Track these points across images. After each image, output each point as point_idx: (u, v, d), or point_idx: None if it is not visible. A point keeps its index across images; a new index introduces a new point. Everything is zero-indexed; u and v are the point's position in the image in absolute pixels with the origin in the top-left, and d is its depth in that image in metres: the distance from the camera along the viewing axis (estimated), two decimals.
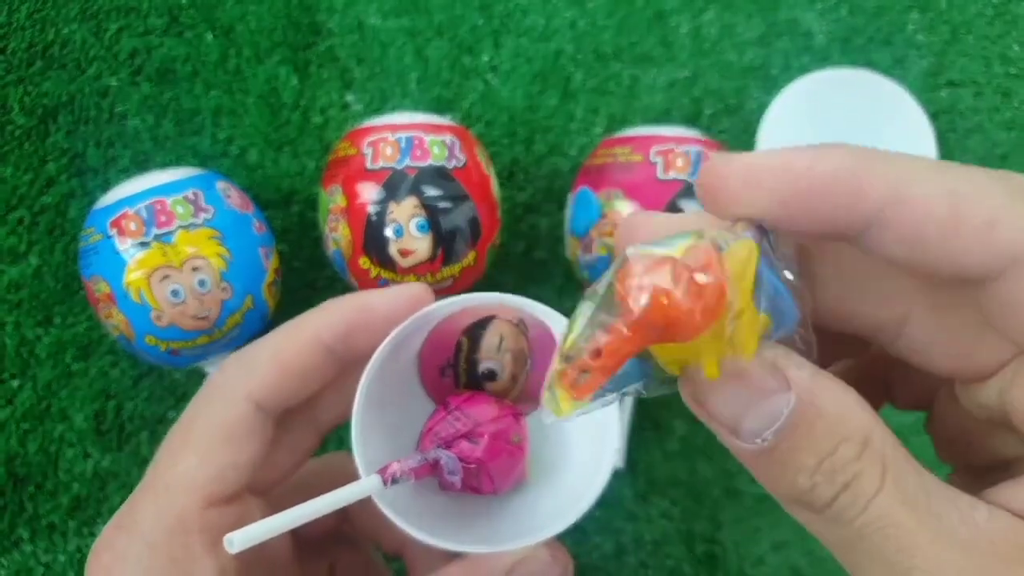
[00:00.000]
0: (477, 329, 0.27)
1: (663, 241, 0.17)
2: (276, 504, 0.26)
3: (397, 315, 0.24)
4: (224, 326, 0.39)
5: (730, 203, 0.18)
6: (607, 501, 0.20)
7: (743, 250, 0.17)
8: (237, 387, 0.23)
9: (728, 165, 0.18)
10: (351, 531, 0.34)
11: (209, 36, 0.48)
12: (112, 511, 0.44)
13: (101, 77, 0.47)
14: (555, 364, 0.17)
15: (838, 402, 0.17)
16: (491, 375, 0.28)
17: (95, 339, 0.45)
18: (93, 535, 0.43)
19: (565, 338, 0.17)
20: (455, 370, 0.28)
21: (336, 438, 0.39)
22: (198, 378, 0.45)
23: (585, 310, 0.17)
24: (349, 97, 0.49)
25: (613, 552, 0.45)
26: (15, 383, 0.44)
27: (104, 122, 0.47)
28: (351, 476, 0.30)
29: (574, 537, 0.45)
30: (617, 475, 0.45)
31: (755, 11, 0.51)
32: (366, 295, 0.25)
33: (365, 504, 0.30)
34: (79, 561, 0.43)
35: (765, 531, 0.45)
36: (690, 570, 0.45)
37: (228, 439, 0.23)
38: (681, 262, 0.16)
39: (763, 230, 0.18)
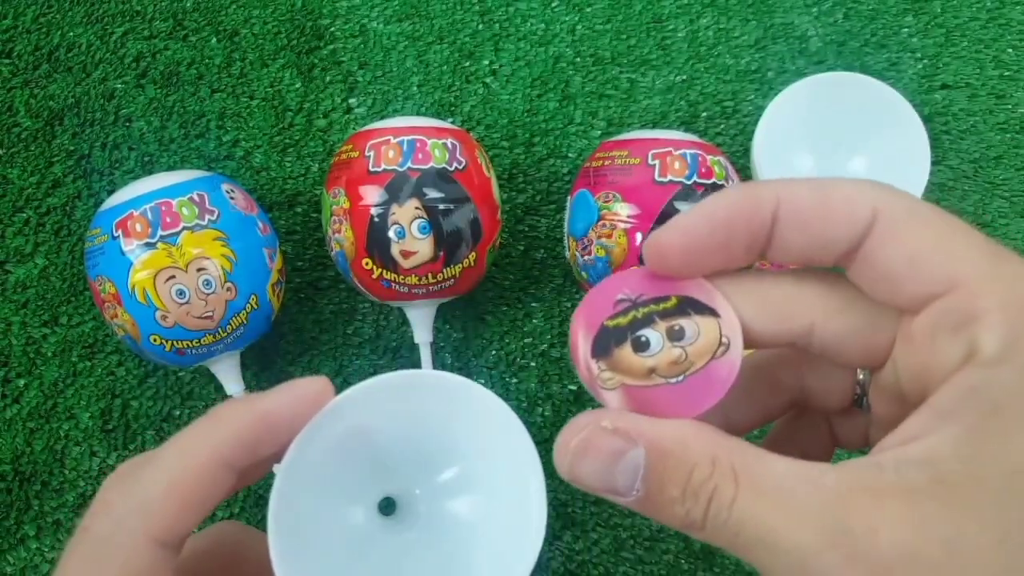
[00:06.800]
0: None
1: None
2: None
3: (302, 417, 0.22)
4: (229, 326, 0.39)
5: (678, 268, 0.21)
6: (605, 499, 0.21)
7: None
8: (135, 531, 0.20)
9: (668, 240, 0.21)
10: None
11: (214, 40, 0.49)
12: None
13: (107, 80, 0.48)
14: None
15: (677, 438, 0.20)
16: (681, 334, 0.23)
17: (101, 338, 0.45)
18: None
19: None
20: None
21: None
22: (203, 377, 0.45)
23: None
24: (352, 101, 0.49)
25: (611, 547, 0.45)
26: (21, 382, 0.45)
27: (110, 124, 0.48)
28: (248, 551, 0.26)
29: (573, 532, 0.45)
30: None
31: (751, 15, 0.52)
32: (262, 401, 0.22)
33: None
34: None
35: None
36: (687, 565, 0.45)
37: None
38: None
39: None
